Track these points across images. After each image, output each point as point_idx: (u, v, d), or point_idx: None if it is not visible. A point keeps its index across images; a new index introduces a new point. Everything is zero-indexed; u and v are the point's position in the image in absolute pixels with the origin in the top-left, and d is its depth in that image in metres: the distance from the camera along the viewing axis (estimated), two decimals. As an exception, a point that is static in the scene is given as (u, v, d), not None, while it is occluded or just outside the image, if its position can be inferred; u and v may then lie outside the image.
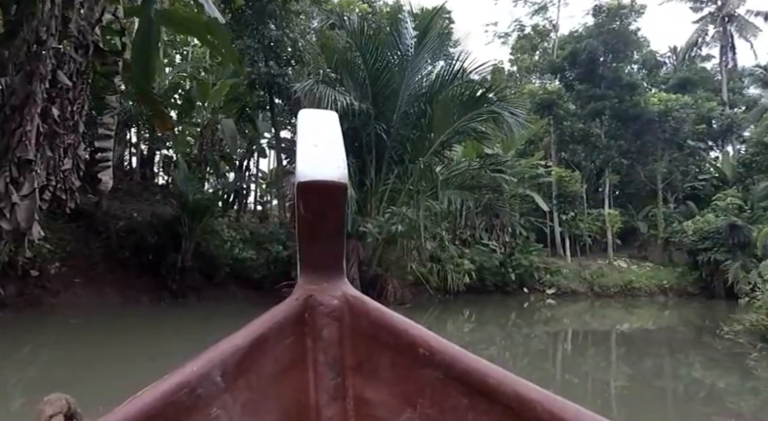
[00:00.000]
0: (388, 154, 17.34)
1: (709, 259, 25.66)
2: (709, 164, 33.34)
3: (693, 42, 36.23)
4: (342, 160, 1.19)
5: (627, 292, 26.39)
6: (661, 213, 29.51)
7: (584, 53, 26.82)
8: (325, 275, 1.27)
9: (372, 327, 1.21)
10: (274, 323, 1.16)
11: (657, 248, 29.82)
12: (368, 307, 1.24)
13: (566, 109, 26.59)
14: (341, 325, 1.23)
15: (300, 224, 1.22)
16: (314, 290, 1.24)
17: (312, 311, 1.22)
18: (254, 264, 16.14)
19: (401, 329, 1.17)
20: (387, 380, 1.19)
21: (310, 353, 1.21)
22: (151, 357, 8.57)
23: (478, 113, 16.72)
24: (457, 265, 21.96)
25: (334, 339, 1.22)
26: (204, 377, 0.96)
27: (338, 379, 1.21)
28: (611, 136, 28.36)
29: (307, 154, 1.19)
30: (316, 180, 1.13)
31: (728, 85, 35.18)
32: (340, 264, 1.31)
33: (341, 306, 1.23)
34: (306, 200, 1.16)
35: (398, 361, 1.17)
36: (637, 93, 27.95)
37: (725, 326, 12.93)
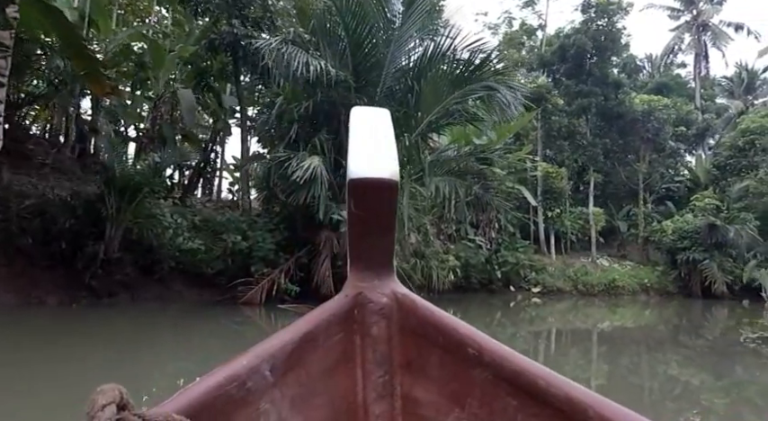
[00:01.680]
0: (370, 133, 13.06)
1: (687, 258, 22.93)
2: (683, 166, 30.25)
3: (670, 49, 32.70)
4: (393, 157, 1.03)
5: (610, 291, 22.87)
6: (642, 213, 25.95)
7: (572, 48, 22.86)
8: (374, 272, 1.13)
9: (421, 326, 1.08)
10: (324, 320, 1.06)
11: (637, 247, 26.41)
12: (417, 305, 1.11)
13: (554, 103, 22.62)
14: (390, 322, 1.10)
15: (351, 221, 1.10)
16: (363, 287, 1.12)
17: (361, 308, 1.10)
18: (208, 256, 11.74)
19: (450, 328, 1.05)
20: (435, 379, 1.06)
21: (359, 351, 1.09)
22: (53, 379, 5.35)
23: (472, 90, 12.48)
24: (442, 262, 17.74)
25: (383, 337, 1.09)
26: (254, 371, 0.87)
27: (386, 376, 1.08)
28: (596, 134, 24.61)
29: (358, 151, 1.05)
30: (367, 177, 0.99)
31: (701, 93, 31.96)
32: (390, 261, 1.16)
33: (390, 303, 1.10)
34: (357, 197, 1.03)
35: (447, 360, 1.05)
36: (622, 91, 24.27)
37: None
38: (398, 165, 1.03)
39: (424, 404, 1.05)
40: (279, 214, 13.23)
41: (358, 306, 1.10)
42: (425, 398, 1.06)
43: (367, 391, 1.06)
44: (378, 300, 1.10)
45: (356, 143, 1.07)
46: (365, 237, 1.11)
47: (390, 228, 1.10)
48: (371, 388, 1.06)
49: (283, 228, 13.05)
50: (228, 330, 10.39)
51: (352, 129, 1.12)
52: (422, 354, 1.08)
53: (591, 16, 23.40)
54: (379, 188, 1.00)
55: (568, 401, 0.85)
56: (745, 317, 19.36)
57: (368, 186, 1.00)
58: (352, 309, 1.10)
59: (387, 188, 1.00)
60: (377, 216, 1.05)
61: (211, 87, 14.07)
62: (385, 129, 1.12)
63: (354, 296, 1.11)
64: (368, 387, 1.06)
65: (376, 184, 0.99)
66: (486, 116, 13.56)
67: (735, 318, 18.74)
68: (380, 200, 1.03)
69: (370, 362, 1.08)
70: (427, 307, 1.10)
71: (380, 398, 1.06)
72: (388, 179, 0.99)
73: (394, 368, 1.08)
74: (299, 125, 11.82)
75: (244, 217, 12.81)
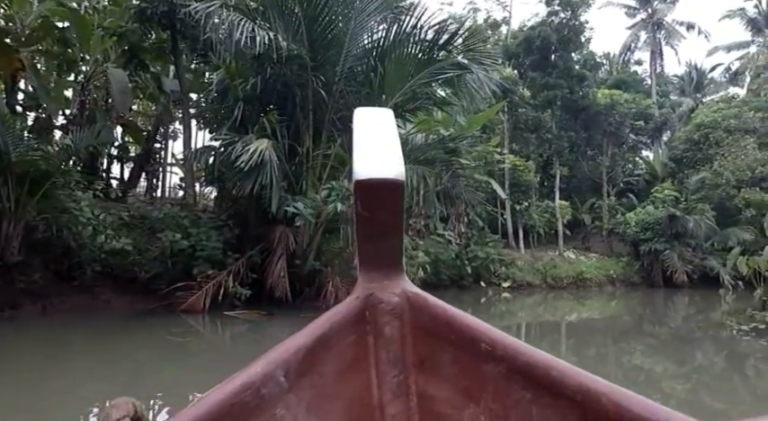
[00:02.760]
0: (330, 117, 11.02)
1: (649, 249, 22.13)
2: (642, 160, 29.40)
3: (627, 47, 31.78)
4: (398, 157, 0.98)
5: (578, 283, 21.59)
6: (606, 205, 24.82)
7: (538, 40, 21.32)
8: (384, 273, 1.07)
9: (433, 324, 1.03)
10: (335, 322, 1.00)
11: (601, 239, 25.30)
12: (428, 303, 1.05)
13: (521, 95, 21.05)
14: (402, 322, 1.05)
15: (358, 222, 1.03)
16: (374, 287, 1.05)
17: (373, 309, 1.04)
18: (143, 258, 9.52)
19: (462, 324, 1.00)
20: (449, 376, 1.01)
21: (372, 351, 1.04)
22: None
23: (440, 70, 10.61)
24: (411, 258, 15.88)
25: (396, 336, 1.04)
26: (268, 377, 0.82)
27: (401, 376, 1.03)
28: (562, 127, 23.20)
29: (363, 152, 0.99)
30: (372, 178, 0.94)
31: (656, 89, 31.17)
32: (399, 261, 1.10)
33: (401, 303, 1.05)
34: (363, 198, 0.97)
35: (460, 356, 1.00)
36: (586, 84, 22.95)
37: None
38: (404, 164, 0.95)
39: (440, 401, 1.01)
40: (229, 209, 11.08)
41: (369, 307, 1.04)
42: (440, 395, 1.01)
43: (382, 392, 1.01)
44: (389, 300, 1.05)
45: (361, 144, 1.01)
46: (373, 237, 1.05)
47: (398, 228, 1.05)
48: (386, 388, 1.02)
49: (234, 225, 10.94)
50: (164, 342, 8.28)
51: (357, 129, 1.06)
52: (435, 352, 1.03)
53: (555, 9, 21.93)
54: (385, 188, 0.95)
55: (582, 390, 0.81)
56: (702, 303, 18.75)
57: (374, 187, 0.95)
58: (363, 311, 1.04)
59: (393, 188, 0.96)
60: (384, 216, 1.00)
61: (145, 65, 11.68)
62: (389, 129, 1.07)
63: (365, 297, 1.05)
64: (383, 387, 1.02)
65: (382, 185, 0.95)
66: (455, 100, 11.73)
67: (699, 306, 17.92)
68: (387, 200, 0.98)
69: (383, 363, 1.03)
70: (439, 304, 1.05)
71: (396, 398, 1.01)
72: (394, 179, 0.94)
73: (408, 367, 1.03)
74: (246, 105, 9.72)
75: (186, 212, 10.56)
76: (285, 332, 8.70)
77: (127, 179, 14.00)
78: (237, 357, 7.26)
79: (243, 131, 9.54)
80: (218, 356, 7.64)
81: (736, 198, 22.25)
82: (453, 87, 11.70)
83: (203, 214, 9.97)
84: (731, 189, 22.51)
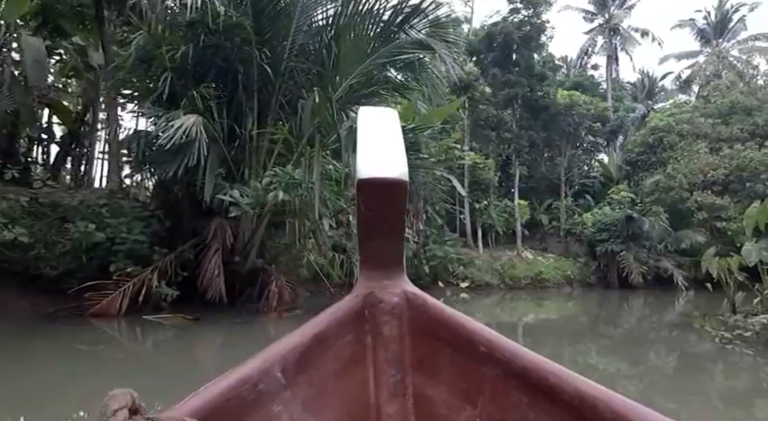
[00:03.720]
0: (278, 99, 9.78)
1: (606, 250, 21.88)
2: (598, 163, 29.41)
3: (585, 51, 31.76)
4: (402, 157, 0.96)
5: (536, 284, 21.10)
6: (564, 206, 24.51)
7: (500, 36, 20.68)
8: (385, 272, 1.05)
9: (432, 324, 1.01)
10: (335, 320, 0.98)
11: (558, 240, 24.98)
12: (428, 304, 1.04)
13: (482, 92, 20.31)
14: (401, 322, 1.03)
15: (360, 222, 1.02)
16: (374, 287, 1.03)
17: (372, 308, 1.02)
18: (50, 252, 8.00)
19: (461, 326, 0.98)
20: (447, 378, 0.99)
21: (370, 351, 1.02)
22: None
23: (400, 48, 9.55)
24: (366, 256, 14.83)
25: (395, 336, 1.02)
26: (265, 373, 0.81)
27: (398, 376, 1.01)
28: (522, 126, 22.66)
29: (366, 151, 0.97)
30: (375, 177, 0.92)
31: (612, 94, 31.28)
32: (400, 261, 1.08)
33: (401, 303, 1.03)
34: (366, 197, 0.95)
35: (458, 358, 0.98)
36: (546, 84, 22.51)
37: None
38: (407, 165, 0.94)
39: (437, 402, 0.99)
40: (161, 198, 9.64)
41: (368, 306, 1.02)
42: (437, 396, 0.99)
43: (379, 391, 1.00)
44: (388, 300, 1.03)
45: (364, 143, 1.00)
46: (375, 237, 1.04)
47: (400, 228, 1.04)
48: (384, 388, 1.00)
49: (165, 216, 9.53)
50: (71, 352, 6.85)
51: (360, 129, 1.04)
52: (433, 353, 1.01)
53: (517, 6, 21.34)
54: (388, 188, 0.94)
55: (579, 396, 0.80)
56: (662, 305, 18.54)
57: (377, 186, 0.94)
58: (362, 310, 1.02)
59: (395, 188, 0.94)
60: (386, 216, 0.98)
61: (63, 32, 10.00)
62: (393, 128, 1.05)
63: (365, 296, 1.03)
64: (380, 387, 1.00)
65: (385, 185, 0.93)
66: (414, 85, 10.70)
67: (662, 309, 17.59)
68: (389, 200, 0.96)
69: (381, 362, 1.01)
70: (438, 305, 1.04)
71: (393, 398, 1.00)
72: (397, 179, 0.92)
73: (405, 367, 1.01)
74: (176, 78, 8.34)
75: (104, 200, 9.04)
76: (216, 339, 7.24)
77: (51, 164, 12.27)
78: (160, 370, 5.97)
79: (173, 108, 8.16)
80: (139, 367, 6.31)
81: (689, 201, 22.29)
82: (414, 72, 10.68)
83: (126, 203, 8.52)
84: (684, 192, 22.55)
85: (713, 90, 27.76)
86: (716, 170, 22.43)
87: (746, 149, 22.22)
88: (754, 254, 7.77)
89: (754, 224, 7.86)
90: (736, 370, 6.76)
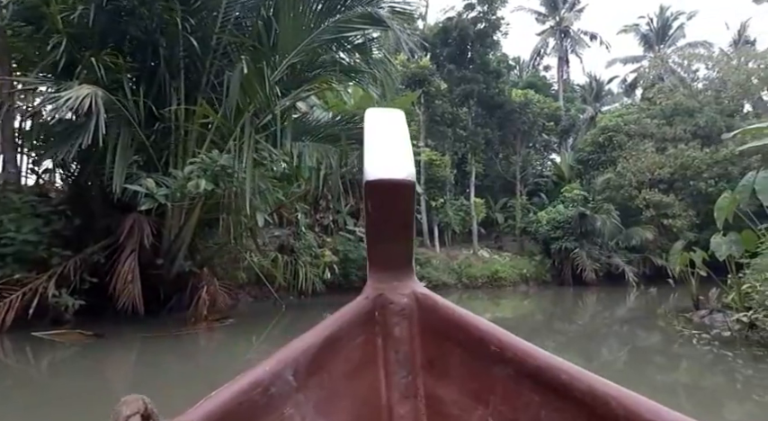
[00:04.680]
0: (209, 78, 8.40)
1: (560, 248, 21.67)
2: (551, 162, 29.46)
3: (537, 51, 31.67)
4: (409, 158, 0.95)
5: (493, 283, 20.44)
6: (519, 204, 24.11)
7: (455, 31, 19.91)
8: (394, 274, 1.04)
9: (443, 325, 1.00)
10: (345, 322, 0.97)
11: (513, 238, 24.59)
12: (438, 304, 1.02)
13: (437, 87, 19.45)
14: (411, 323, 1.01)
15: (369, 223, 1.02)
16: (384, 288, 1.03)
17: (382, 310, 1.01)
18: None
19: (471, 326, 0.97)
20: (458, 378, 0.98)
21: (381, 352, 1.00)
22: None
23: (347, 22, 8.37)
24: (315, 257, 13.54)
25: (405, 337, 1.01)
26: (277, 376, 0.81)
27: (409, 377, 0.99)
28: (478, 123, 22.02)
29: (373, 153, 0.96)
30: (383, 179, 0.91)
31: (563, 95, 31.39)
32: (409, 262, 1.07)
33: (411, 304, 1.02)
34: (374, 199, 0.95)
35: (469, 358, 0.97)
36: (501, 81, 21.98)
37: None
38: (413, 165, 0.92)
39: (448, 403, 0.97)
40: (67, 191, 8.06)
41: (379, 307, 1.01)
42: (449, 397, 0.97)
43: (390, 392, 0.98)
44: (398, 301, 1.01)
45: (371, 145, 0.97)
46: (383, 238, 1.02)
47: (408, 229, 1.01)
48: (395, 389, 0.98)
49: (72, 213, 7.95)
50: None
51: (367, 130, 1.02)
52: (444, 353, 0.99)
53: (472, 2, 20.62)
54: (396, 189, 0.93)
55: (591, 394, 0.78)
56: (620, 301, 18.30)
57: (385, 188, 0.93)
58: (372, 311, 1.01)
59: (403, 189, 0.93)
60: (394, 217, 0.97)
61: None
62: (399, 130, 1.02)
63: (375, 298, 1.02)
64: (391, 388, 0.98)
65: (393, 186, 0.92)
66: (364, 67, 9.56)
67: (621, 305, 17.26)
68: (398, 201, 0.95)
69: (392, 364, 0.99)
70: (448, 306, 1.02)
71: (404, 399, 0.98)
72: (405, 180, 0.92)
73: (416, 368, 1.00)
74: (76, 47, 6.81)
75: (-10, 192, 7.38)
76: (130, 357, 5.61)
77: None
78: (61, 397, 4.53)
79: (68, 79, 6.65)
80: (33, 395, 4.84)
81: (638, 198, 22.33)
82: (365, 54, 9.55)
83: (17, 196, 6.92)
84: (633, 190, 22.60)
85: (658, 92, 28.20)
86: (662, 169, 22.59)
87: (690, 149, 22.48)
88: (724, 247, 7.17)
89: (725, 216, 7.22)
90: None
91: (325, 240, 14.77)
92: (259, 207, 7.29)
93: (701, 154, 22.13)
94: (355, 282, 15.52)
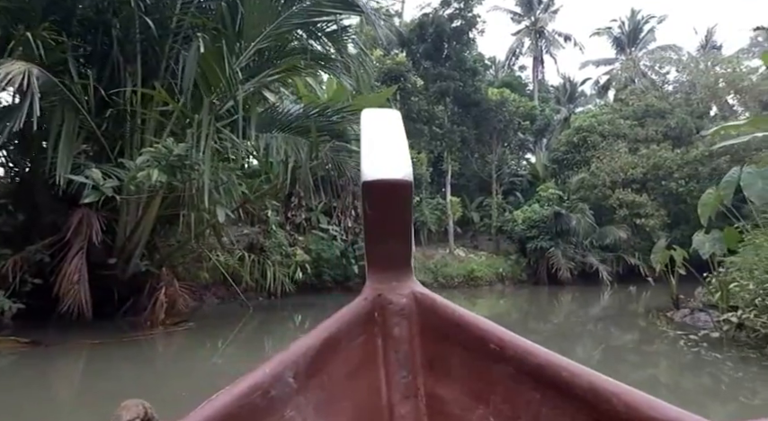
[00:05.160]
0: (168, 64, 7.75)
1: (535, 247, 21.53)
2: (526, 161, 29.45)
3: (513, 51, 31.61)
4: (406, 158, 0.95)
5: (470, 282, 20.17)
6: (495, 203, 23.93)
7: (431, 26, 19.55)
8: (393, 274, 1.03)
9: (442, 324, 0.99)
10: (344, 323, 0.96)
11: (489, 237, 24.44)
12: (437, 304, 1.02)
13: (413, 84, 19.05)
14: (411, 323, 1.01)
15: (367, 224, 1.00)
16: (383, 289, 1.02)
17: (382, 310, 1.01)
18: None
19: (471, 325, 0.96)
20: (458, 377, 0.97)
21: (381, 352, 1.00)
22: None
23: (318, 6, 7.85)
24: (286, 256, 12.96)
25: (405, 337, 1.00)
26: (277, 378, 0.80)
27: (410, 377, 0.99)
28: (454, 121, 21.73)
29: (370, 153, 0.96)
30: (381, 179, 0.91)
31: (538, 95, 31.46)
32: (408, 262, 1.06)
33: (410, 304, 1.01)
34: (372, 199, 0.94)
35: (469, 357, 0.96)
36: (478, 79, 21.71)
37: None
38: (410, 165, 0.93)
39: (449, 402, 0.96)
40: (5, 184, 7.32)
41: (378, 308, 1.00)
42: (450, 396, 0.96)
43: (391, 393, 0.97)
44: (398, 301, 1.01)
45: (368, 145, 0.98)
46: (382, 238, 1.02)
47: (407, 229, 1.01)
48: (395, 389, 0.97)
49: (15, 208, 7.22)
50: None
51: (364, 131, 1.02)
52: (444, 353, 0.99)
53: (449, -2, 20.31)
54: (394, 189, 0.93)
55: (592, 391, 0.77)
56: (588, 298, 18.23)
57: (382, 188, 0.92)
58: (372, 312, 1.00)
59: (401, 189, 0.93)
60: (392, 217, 0.97)
61: None
62: (396, 130, 1.03)
63: (374, 298, 1.01)
64: (392, 388, 0.97)
65: (390, 186, 0.92)
66: (338, 57, 9.04)
67: (599, 304, 17.14)
68: (395, 201, 0.95)
69: (392, 364, 0.99)
70: (447, 305, 1.01)
71: (405, 399, 0.97)
72: (402, 180, 0.92)
73: (417, 368, 0.99)
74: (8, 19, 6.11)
75: None
76: (78, 365, 4.91)
77: None
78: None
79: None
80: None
81: (611, 198, 22.42)
82: (337, 43, 9.03)
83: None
84: (607, 189, 22.69)
85: (630, 94, 28.50)
86: (635, 169, 22.74)
87: (661, 149, 22.70)
88: (707, 245, 6.93)
89: (709, 213, 6.98)
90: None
91: (297, 239, 14.20)
92: (220, 201, 6.68)
93: (673, 154, 22.36)
94: (328, 282, 14.99)
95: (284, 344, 3.64)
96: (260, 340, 8.31)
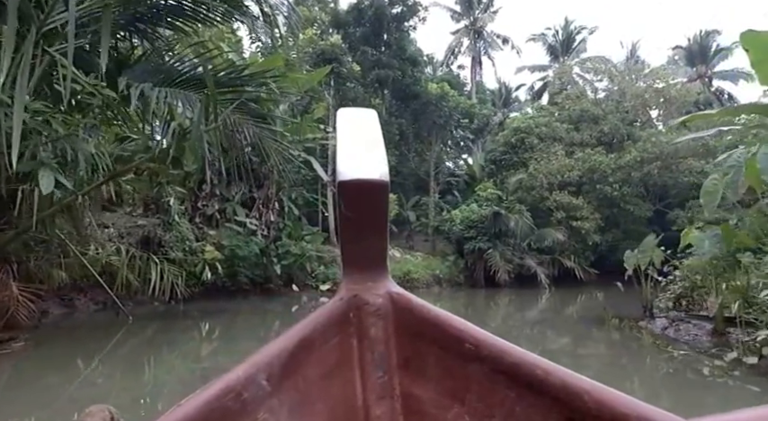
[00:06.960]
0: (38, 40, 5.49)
1: (473, 248, 20.65)
2: (464, 161, 28.72)
3: (452, 50, 30.83)
4: (382, 158, 0.93)
5: (405, 284, 18.59)
6: (432, 202, 22.80)
7: (371, 9, 17.95)
8: (368, 274, 1.00)
9: (418, 324, 0.97)
10: (319, 324, 0.94)
11: (425, 237, 23.28)
12: (412, 304, 1.00)
13: (350, 69, 17.35)
14: (386, 323, 0.98)
15: (342, 223, 0.96)
16: (358, 289, 0.99)
17: (357, 311, 0.98)
18: None
19: (446, 324, 0.94)
20: (434, 377, 0.96)
21: (356, 353, 0.97)
22: None
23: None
24: (192, 253, 10.74)
25: (381, 338, 0.98)
26: (250, 381, 0.77)
27: (385, 377, 0.97)
28: (392, 113, 20.30)
29: (346, 153, 0.94)
30: (356, 179, 0.89)
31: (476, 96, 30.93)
32: (383, 262, 1.03)
33: (386, 304, 0.98)
34: (347, 199, 0.92)
35: (445, 356, 0.95)
36: (418, 70, 20.45)
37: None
38: (386, 165, 0.90)
39: (424, 402, 0.95)
40: None
41: (353, 308, 0.97)
42: (425, 396, 0.95)
43: (367, 393, 0.95)
44: (373, 302, 0.98)
45: (344, 145, 0.95)
46: (357, 238, 0.98)
47: (382, 229, 0.98)
48: (371, 389, 0.95)
49: None
50: None
51: (339, 130, 0.99)
52: (419, 353, 0.97)
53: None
54: (370, 189, 0.90)
55: (565, 389, 0.77)
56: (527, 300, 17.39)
57: (358, 188, 0.89)
58: (347, 312, 0.97)
59: (377, 189, 0.90)
60: (368, 217, 0.94)
61: None
62: (372, 129, 1.01)
63: (349, 298, 0.98)
64: (367, 389, 0.95)
65: (366, 186, 0.89)
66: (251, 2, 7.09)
67: (564, 309, 16.17)
68: (371, 201, 0.92)
69: (368, 364, 0.96)
70: (423, 305, 0.99)
71: (380, 400, 0.95)
72: (378, 180, 0.89)
73: (392, 368, 0.97)
74: None
75: None
76: None
77: None
78: None
79: None
80: None
81: (548, 200, 22.00)
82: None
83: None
84: (544, 191, 22.26)
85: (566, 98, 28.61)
86: (571, 171, 22.47)
87: (596, 154, 22.62)
88: (707, 243, 5.79)
89: (715, 201, 5.74)
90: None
91: (206, 233, 11.98)
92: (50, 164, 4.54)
93: (607, 159, 22.32)
94: (244, 284, 12.84)
95: (175, 370, 3.75)
96: (146, 352, 6.18)
